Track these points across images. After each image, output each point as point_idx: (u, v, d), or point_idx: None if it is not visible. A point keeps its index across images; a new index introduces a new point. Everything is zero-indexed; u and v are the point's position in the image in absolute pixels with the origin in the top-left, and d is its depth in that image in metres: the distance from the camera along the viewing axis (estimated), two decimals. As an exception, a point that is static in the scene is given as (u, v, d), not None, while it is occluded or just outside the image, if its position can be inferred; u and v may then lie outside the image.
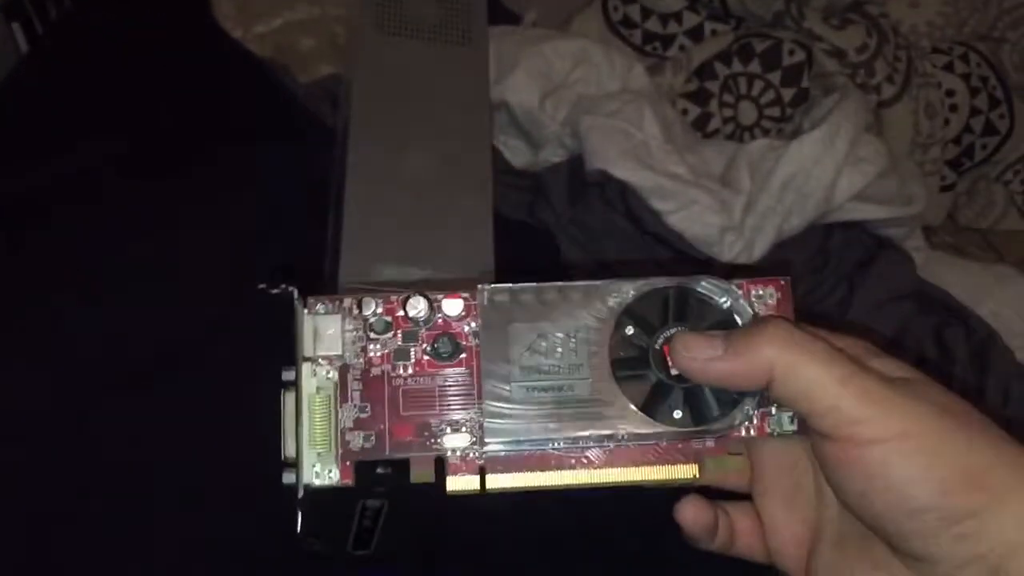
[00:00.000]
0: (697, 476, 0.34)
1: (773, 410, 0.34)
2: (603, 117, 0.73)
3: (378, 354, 0.33)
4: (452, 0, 0.57)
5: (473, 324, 0.34)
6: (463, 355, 0.33)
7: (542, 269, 0.74)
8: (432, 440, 0.33)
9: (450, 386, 0.33)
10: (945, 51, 0.87)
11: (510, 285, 0.34)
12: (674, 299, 0.34)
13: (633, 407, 0.33)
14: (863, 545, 0.33)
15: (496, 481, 0.33)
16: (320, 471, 0.33)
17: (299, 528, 0.35)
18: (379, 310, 0.33)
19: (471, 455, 0.33)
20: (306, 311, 0.33)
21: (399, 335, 0.33)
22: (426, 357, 0.33)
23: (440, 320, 0.34)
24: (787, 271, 0.35)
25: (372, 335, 0.33)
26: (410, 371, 0.33)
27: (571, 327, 0.33)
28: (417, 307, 0.33)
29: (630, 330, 0.33)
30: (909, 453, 0.30)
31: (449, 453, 0.33)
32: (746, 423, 0.34)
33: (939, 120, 0.85)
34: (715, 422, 0.33)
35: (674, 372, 0.33)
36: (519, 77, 0.76)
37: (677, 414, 0.33)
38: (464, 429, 0.33)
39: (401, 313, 0.33)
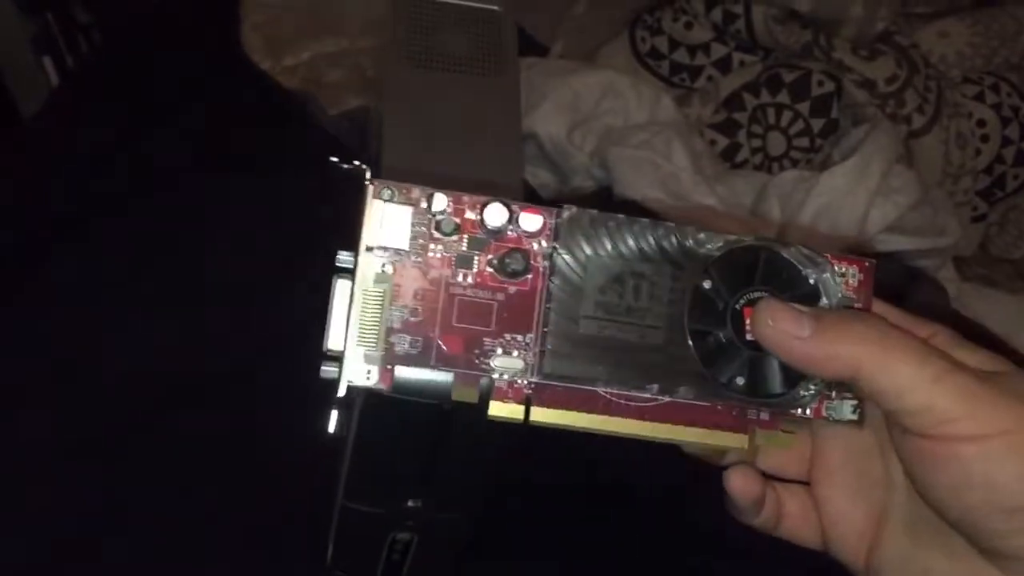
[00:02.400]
0: (745, 447, 0.33)
1: (833, 394, 0.33)
2: (632, 148, 0.73)
3: (438, 255, 0.31)
4: (483, 32, 0.57)
5: (546, 244, 0.31)
6: (529, 275, 0.31)
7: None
8: (482, 359, 0.30)
9: (511, 305, 0.31)
10: (975, 81, 0.87)
11: (595, 211, 0.31)
12: (764, 260, 0.32)
13: (698, 363, 0.31)
14: (937, 536, 0.33)
15: (541, 415, 0.31)
16: (364, 371, 0.30)
17: (333, 427, 0.33)
18: (449, 208, 0.31)
19: (520, 382, 0.31)
20: (375, 197, 0.31)
21: (464, 240, 0.31)
22: (489, 269, 0.31)
23: (512, 234, 0.31)
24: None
25: (436, 234, 0.31)
26: (470, 280, 0.31)
27: (652, 269, 0.31)
28: (498, 217, 0.30)
29: (711, 284, 0.32)
30: (1011, 450, 0.29)
31: (497, 375, 0.30)
32: (807, 404, 0.33)
33: (970, 150, 0.84)
34: (776, 396, 0.32)
35: (748, 337, 0.32)
36: (547, 109, 0.76)
37: (740, 380, 0.32)
38: (517, 354, 0.31)
39: (471, 216, 0.31)
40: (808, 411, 0.33)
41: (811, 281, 0.33)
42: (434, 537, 0.56)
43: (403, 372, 0.30)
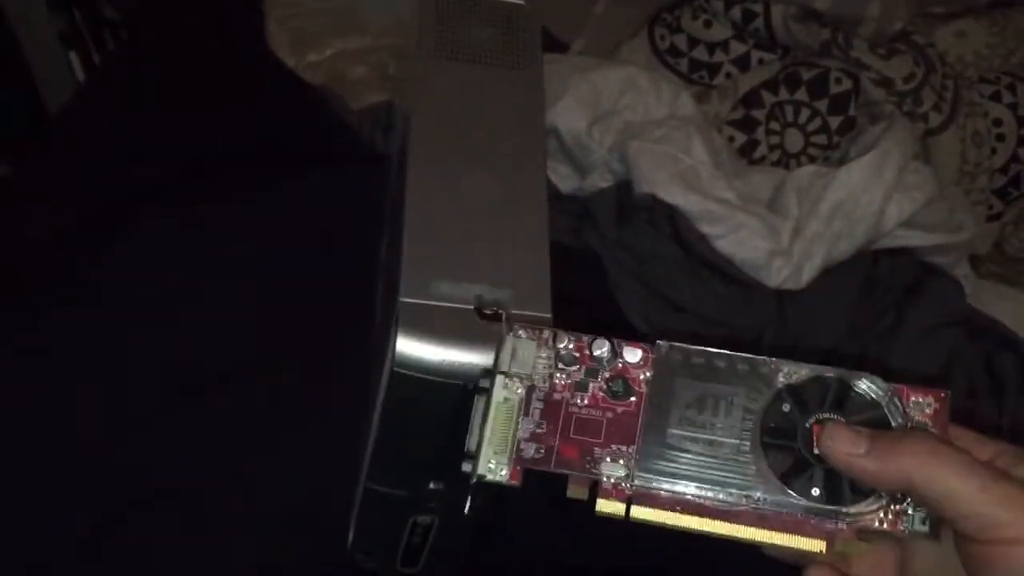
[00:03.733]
0: (824, 552, 0.36)
1: (909, 509, 0.36)
2: (651, 142, 0.74)
3: (562, 382, 0.38)
4: (507, 26, 0.58)
5: (648, 373, 0.38)
6: (633, 398, 0.38)
7: (590, 293, 0.75)
8: (592, 464, 0.37)
9: (617, 421, 0.37)
10: (992, 81, 0.87)
11: (687, 346, 0.38)
12: (835, 388, 0.37)
13: (772, 474, 0.36)
14: None
15: (641, 513, 0.36)
16: (494, 468, 0.37)
17: (469, 509, 0.44)
18: (570, 345, 0.38)
19: (622, 485, 0.37)
20: (511, 333, 0.38)
21: (583, 370, 0.38)
22: (601, 393, 0.38)
23: (620, 364, 0.38)
24: (947, 385, 0.38)
25: (561, 365, 0.38)
26: (586, 401, 0.38)
27: (731, 392, 0.37)
28: (601, 348, 0.38)
29: (786, 407, 0.37)
30: None
31: (604, 479, 0.37)
32: (880, 515, 0.36)
33: (986, 149, 0.85)
34: (848, 505, 0.36)
35: (817, 452, 0.36)
36: (567, 104, 0.77)
37: (815, 491, 0.36)
38: (621, 461, 0.37)
39: (588, 352, 0.38)
40: (884, 524, 0.36)
41: (879, 405, 0.37)
42: (455, 520, 0.57)
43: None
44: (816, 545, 0.36)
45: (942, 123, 0.82)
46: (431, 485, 0.55)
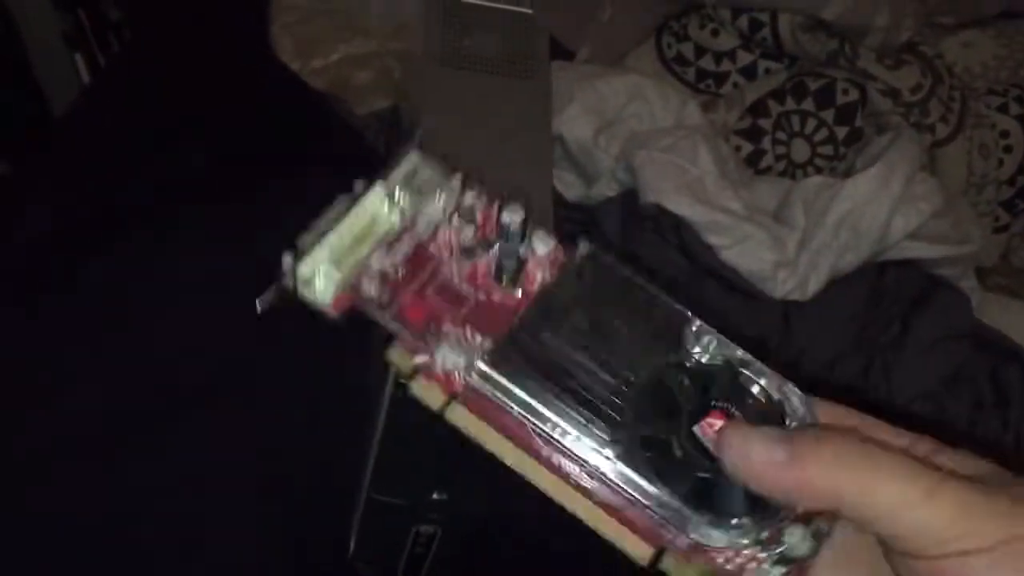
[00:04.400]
0: (646, 563, 0.29)
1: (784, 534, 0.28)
2: (657, 152, 0.74)
3: (446, 238, 0.31)
4: (515, 35, 0.58)
5: (547, 274, 0.31)
6: (519, 292, 0.31)
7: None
8: (433, 339, 0.29)
9: (486, 307, 0.30)
10: (1000, 93, 0.87)
11: (610, 260, 0.31)
12: (728, 376, 0.30)
13: (637, 446, 0.29)
14: None
15: (459, 416, 0.29)
16: (320, 281, 0.29)
17: (260, 308, 0.31)
18: (479, 201, 0.31)
19: (455, 376, 0.29)
20: (420, 154, 0.31)
21: (477, 235, 0.31)
22: (485, 270, 0.31)
23: (524, 249, 0.31)
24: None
25: (455, 218, 0.31)
26: (463, 271, 0.31)
27: (636, 335, 0.30)
28: (511, 217, 0.30)
29: (685, 380, 0.30)
30: (1017, 557, 0.27)
31: (438, 360, 0.29)
32: (733, 549, 0.28)
33: (993, 161, 0.85)
34: (715, 522, 0.28)
35: (708, 447, 0.29)
36: (574, 111, 0.77)
37: (679, 487, 0.28)
38: (464, 353, 0.29)
39: (495, 216, 0.31)
40: (728, 565, 0.28)
41: (775, 399, 0.30)
42: (457, 530, 0.57)
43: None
44: (641, 551, 0.29)
45: (949, 134, 0.82)
46: (434, 495, 0.54)
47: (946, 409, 0.70)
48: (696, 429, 0.29)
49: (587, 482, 0.29)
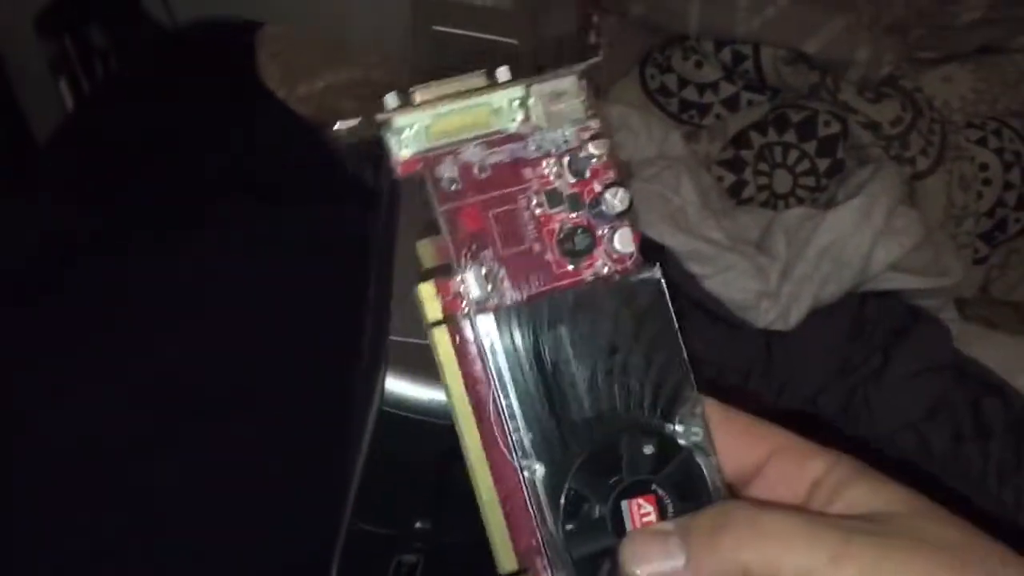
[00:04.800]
0: (504, 573, 0.29)
1: None
2: (641, 181, 0.74)
3: (545, 171, 0.29)
4: (500, 64, 0.58)
5: (607, 271, 0.30)
6: (569, 267, 0.29)
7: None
8: (468, 256, 0.29)
9: (534, 260, 0.29)
10: (979, 126, 0.88)
11: (666, 302, 0.30)
12: (684, 467, 0.29)
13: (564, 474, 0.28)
14: None
15: (438, 337, 0.28)
16: (407, 133, 0.28)
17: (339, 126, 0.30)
18: (597, 159, 0.29)
19: (460, 303, 0.29)
20: (580, 83, 0.29)
21: (571, 193, 0.29)
22: (558, 228, 0.29)
23: (602, 232, 0.30)
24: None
25: (565, 159, 0.29)
26: (537, 214, 0.29)
27: (632, 383, 0.29)
28: (616, 200, 0.29)
29: (640, 447, 0.29)
30: None
31: (456, 278, 0.28)
32: None
33: (972, 193, 0.86)
34: None
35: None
36: (558, 141, 0.77)
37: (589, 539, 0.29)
38: (490, 288, 0.29)
39: (595, 189, 0.29)
40: None
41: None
42: (440, 560, 0.56)
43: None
44: (509, 560, 0.29)
45: (929, 167, 0.83)
46: (417, 524, 0.54)
47: (928, 441, 0.70)
48: (624, 504, 0.29)
49: (506, 469, 0.29)
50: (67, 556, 0.60)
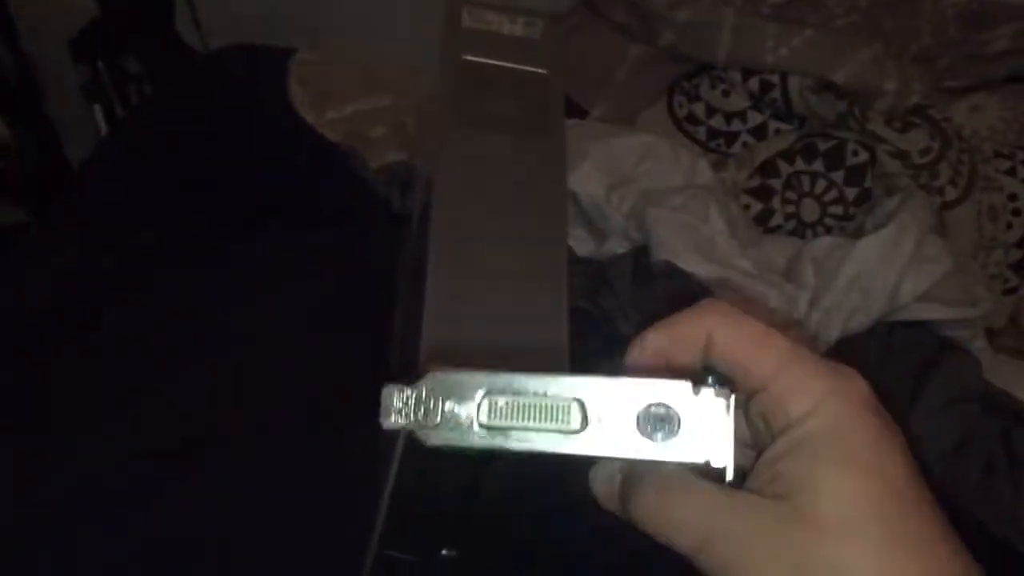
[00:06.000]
0: None
1: None
2: (669, 210, 0.75)
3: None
4: (530, 94, 0.59)
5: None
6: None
7: (605, 355, 0.74)
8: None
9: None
10: (1007, 155, 0.88)
11: None
12: None
13: None
14: None
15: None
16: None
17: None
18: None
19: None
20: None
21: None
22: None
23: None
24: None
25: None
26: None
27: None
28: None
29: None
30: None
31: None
32: None
33: (1002, 223, 0.85)
34: None
35: None
36: (586, 169, 0.78)
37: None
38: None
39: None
40: None
41: None
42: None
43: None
44: None
45: (958, 197, 0.83)
46: (443, 551, 0.54)
47: (958, 472, 0.69)
48: None
49: None
50: None
